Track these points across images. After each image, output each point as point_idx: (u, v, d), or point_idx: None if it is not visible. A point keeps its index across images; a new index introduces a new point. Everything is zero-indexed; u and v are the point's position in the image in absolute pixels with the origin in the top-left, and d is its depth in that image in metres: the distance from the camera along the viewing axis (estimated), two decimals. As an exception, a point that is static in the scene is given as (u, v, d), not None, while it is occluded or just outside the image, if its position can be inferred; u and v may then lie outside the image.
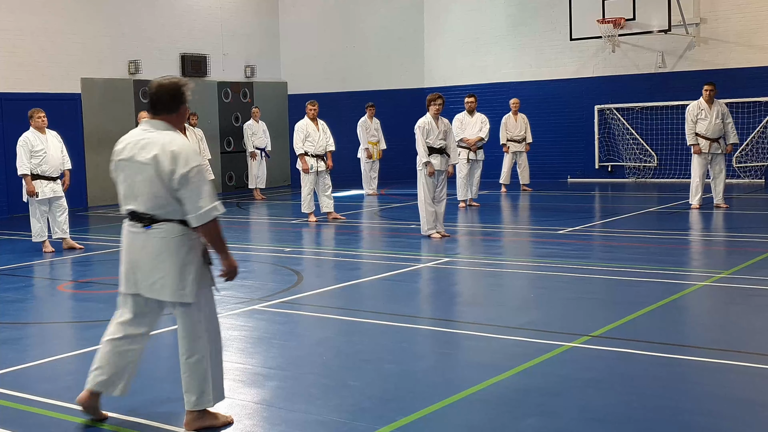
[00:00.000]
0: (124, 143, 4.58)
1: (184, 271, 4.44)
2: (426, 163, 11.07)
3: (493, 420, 4.57)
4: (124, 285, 4.61)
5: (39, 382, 5.51)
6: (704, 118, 13.17)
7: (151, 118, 4.54)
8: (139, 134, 4.53)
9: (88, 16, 17.66)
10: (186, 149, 4.41)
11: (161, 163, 4.34)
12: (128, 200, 4.53)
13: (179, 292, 4.44)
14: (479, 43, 20.06)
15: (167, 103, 4.50)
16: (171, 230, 4.43)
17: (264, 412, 4.81)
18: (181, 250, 4.43)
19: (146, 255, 4.47)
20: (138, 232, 4.49)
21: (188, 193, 4.33)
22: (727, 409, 4.62)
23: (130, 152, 4.49)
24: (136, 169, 4.45)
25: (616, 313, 6.78)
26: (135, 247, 4.52)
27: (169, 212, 4.42)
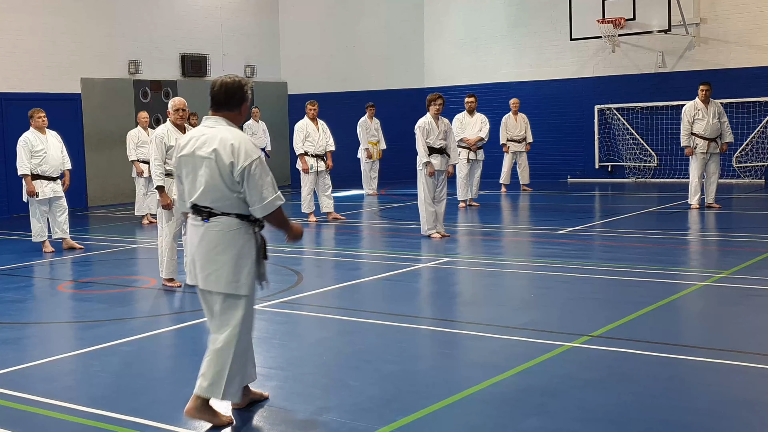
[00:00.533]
0: (186, 139, 4.71)
1: (239, 264, 4.54)
2: (426, 163, 11.07)
3: (493, 420, 4.57)
4: (188, 277, 4.75)
5: (39, 382, 5.51)
6: (702, 118, 13.18)
7: (213, 115, 4.67)
8: (201, 130, 4.66)
9: (88, 16, 17.66)
10: (245, 143, 4.52)
11: (221, 157, 4.47)
12: (191, 194, 4.65)
13: (233, 284, 4.54)
14: (479, 43, 20.06)
15: (229, 101, 4.64)
16: (228, 224, 4.53)
17: (264, 412, 4.81)
18: (236, 243, 4.54)
19: (203, 247, 4.57)
20: (198, 225, 4.61)
21: (251, 186, 4.46)
22: (727, 409, 4.62)
23: (192, 148, 4.61)
24: (197, 164, 4.57)
25: (616, 313, 6.78)
26: (195, 240, 4.62)
27: (227, 206, 4.52)
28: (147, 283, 8.91)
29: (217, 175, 4.50)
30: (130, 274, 9.81)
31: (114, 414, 4.76)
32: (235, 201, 4.52)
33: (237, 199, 4.52)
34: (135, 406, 4.91)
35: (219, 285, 4.55)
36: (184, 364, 5.96)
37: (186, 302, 8.00)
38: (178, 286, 8.47)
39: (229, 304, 4.58)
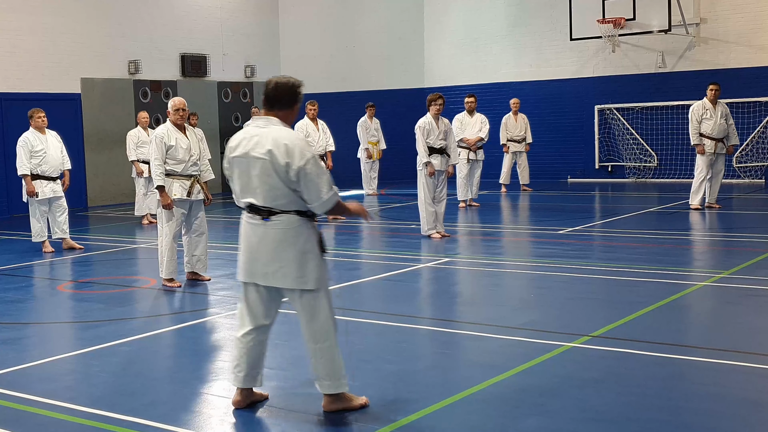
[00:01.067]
0: (237, 140, 4.74)
1: (303, 259, 4.62)
2: (426, 163, 11.07)
3: (493, 420, 4.57)
4: (242, 274, 4.81)
5: (39, 382, 5.51)
6: (709, 118, 13.16)
7: (265, 114, 4.73)
8: (252, 131, 4.70)
9: (88, 16, 17.66)
10: (299, 143, 4.58)
11: (276, 157, 4.52)
12: (245, 194, 4.71)
13: (300, 280, 4.62)
14: (479, 43, 20.06)
15: (283, 101, 4.71)
16: (289, 221, 4.62)
17: (264, 412, 4.81)
18: (299, 240, 4.63)
19: (265, 245, 4.66)
20: (256, 224, 4.68)
21: (307, 184, 4.53)
22: (727, 409, 4.62)
23: (244, 148, 4.65)
24: (251, 164, 4.61)
25: (616, 313, 6.78)
26: (253, 239, 4.71)
27: (286, 204, 4.61)
28: (147, 283, 8.91)
29: (273, 174, 4.56)
30: (130, 274, 9.81)
31: (114, 414, 4.76)
32: (293, 199, 4.60)
33: (295, 197, 4.60)
34: (135, 406, 4.91)
35: (286, 281, 4.65)
36: (184, 364, 5.96)
37: (186, 302, 8.00)
38: (177, 286, 8.47)
39: (308, 299, 4.68)
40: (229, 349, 6.21)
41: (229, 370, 4.94)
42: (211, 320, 7.14)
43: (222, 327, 6.90)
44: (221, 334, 6.71)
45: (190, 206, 8.62)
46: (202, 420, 4.71)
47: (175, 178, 8.46)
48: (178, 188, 8.45)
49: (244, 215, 4.78)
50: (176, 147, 8.42)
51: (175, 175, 8.46)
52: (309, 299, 4.66)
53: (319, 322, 4.68)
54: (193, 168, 8.55)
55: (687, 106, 15.74)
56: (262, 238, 4.67)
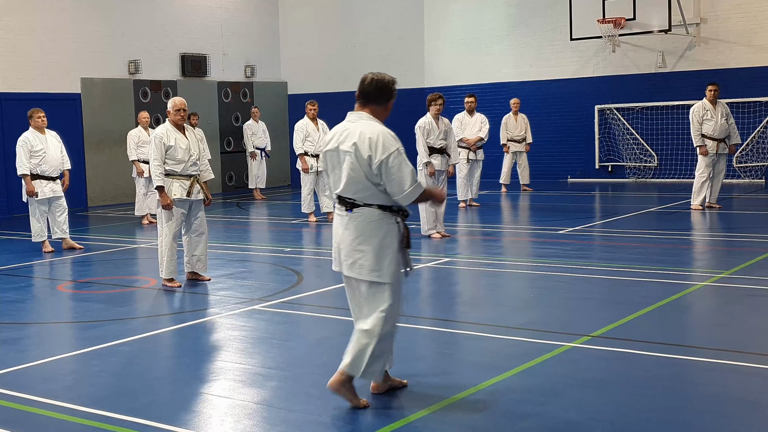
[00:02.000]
0: (330, 135, 4.91)
1: (381, 253, 4.74)
2: (426, 163, 11.07)
3: (493, 420, 4.57)
4: (333, 263, 4.96)
5: (39, 382, 5.51)
6: (710, 118, 13.14)
7: (359, 109, 4.88)
8: (344, 125, 4.87)
9: (88, 16, 17.67)
10: (383, 136, 4.70)
11: (360, 150, 4.67)
12: (335, 186, 4.87)
13: (375, 273, 4.74)
14: (479, 43, 20.05)
15: (378, 96, 4.85)
16: (370, 215, 4.74)
17: (264, 412, 4.81)
18: (378, 234, 4.74)
19: (347, 237, 4.80)
20: (342, 215, 4.83)
21: (390, 178, 4.65)
22: (727, 409, 4.62)
23: (336, 143, 4.82)
24: (340, 158, 4.78)
25: (616, 313, 6.78)
26: (339, 229, 4.86)
27: (368, 197, 4.73)
28: (147, 283, 8.91)
29: (357, 167, 4.69)
30: (130, 274, 9.81)
31: (114, 414, 4.76)
32: (376, 192, 4.72)
33: (378, 191, 4.71)
34: (135, 406, 4.91)
35: (362, 273, 4.76)
36: (184, 364, 5.96)
37: (186, 302, 8.00)
38: (177, 286, 8.47)
39: (375, 290, 4.78)
40: (228, 349, 6.22)
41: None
42: (211, 320, 7.14)
43: (222, 327, 6.90)
44: (221, 334, 6.71)
45: (189, 206, 8.62)
46: (202, 420, 4.71)
47: (175, 178, 8.46)
48: (177, 188, 8.45)
49: (335, 207, 4.92)
50: (175, 147, 8.42)
51: (174, 175, 8.46)
52: (376, 290, 4.79)
53: (372, 310, 4.80)
54: (192, 168, 8.55)
55: (687, 106, 15.74)
56: (345, 229, 4.81)
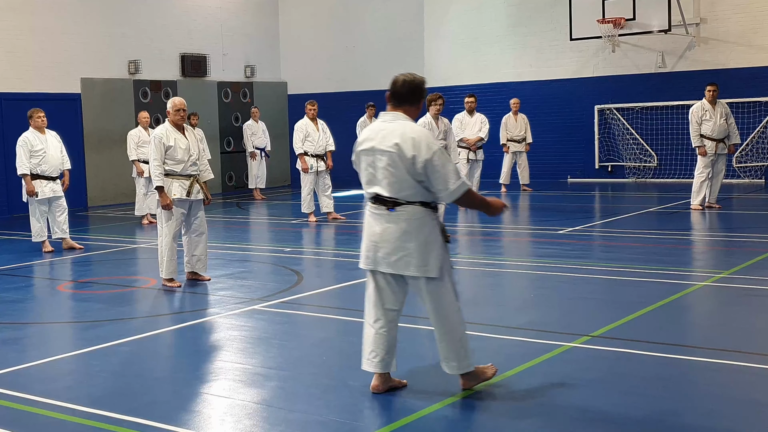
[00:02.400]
0: (364, 135, 4.99)
1: (426, 249, 4.83)
2: (426, 163, 11.05)
3: (493, 420, 4.57)
4: (363, 261, 5.00)
5: (39, 382, 5.51)
6: (709, 118, 13.14)
7: (391, 110, 5.00)
8: (379, 125, 4.97)
9: (88, 16, 17.66)
10: (425, 136, 4.86)
11: (403, 150, 4.77)
12: (371, 185, 4.95)
13: (423, 268, 4.83)
14: (479, 43, 20.04)
15: (411, 97, 5.01)
16: (413, 212, 4.83)
17: (264, 412, 4.81)
18: (423, 230, 4.84)
19: (390, 235, 4.87)
20: (381, 214, 4.91)
21: (435, 176, 4.75)
22: (727, 409, 4.62)
23: (371, 143, 4.91)
24: (377, 157, 4.86)
25: (616, 313, 6.78)
26: (377, 228, 4.92)
27: (411, 195, 4.82)
28: (147, 283, 8.91)
29: (400, 166, 4.78)
30: (130, 274, 9.81)
31: (114, 414, 4.76)
32: (418, 190, 4.81)
33: (420, 189, 4.80)
34: (135, 406, 4.91)
35: (409, 269, 4.85)
36: (183, 364, 5.96)
37: (186, 302, 8.00)
38: (177, 286, 8.47)
39: (432, 286, 4.88)
40: (228, 349, 6.21)
41: (364, 357, 5.04)
42: (211, 320, 7.14)
43: (222, 327, 6.90)
44: (221, 334, 6.71)
45: (189, 206, 8.62)
46: (202, 420, 4.71)
47: (175, 178, 8.46)
48: (177, 188, 8.45)
49: (368, 206, 5.00)
50: (175, 147, 8.42)
51: (174, 175, 8.46)
52: (433, 286, 4.87)
53: (443, 308, 4.90)
54: (192, 168, 8.55)
55: (687, 106, 15.73)
56: (387, 227, 4.87)
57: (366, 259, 4.98)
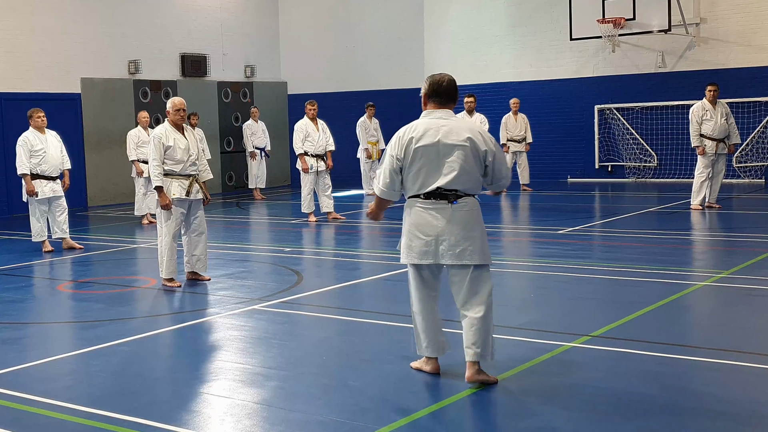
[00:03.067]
0: (420, 131, 5.09)
1: (484, 238, 5.15)
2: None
3: (493, 420, 4.57)
4: (419, 257, 5.11)
5: (39, 382, 5.51)
6: (710, 118, 13.14)
7: (437, 108, 5.18)
8: (436, 122, 5.11)
9: (88, 16, 17.67)
10: (485, 131, 5.21)
11: (476, 144, 5.05)
12: (430, 180, 5.06)
13: (485, 256, 5.13)
14: (479, 43, 20.05)
15: (455, 95, 5.25)
16: (473, 203, 5.13)
17: (264, 412, 4.81)
18: (480, 220, 5.16)
19: (455, 227, 5.05)
20: (442, 208, 5.06)
21: (498, 166, 5.14)
22: (727, 409, 4.62)
23: (434, 137, 5.05)
24: (443, 152, 5.03)
25: (616, 313, 6.78)
26: (438, 222, 5.05)
27: (472, 188, 5.12)
28: (147, 283, 8.91)
29: (471, 160, 5.03)
30: (130, 274, 9.81)
31: (114, 414, 4.76)
32: (478, 183, 5.14)
33: (479, 181, 5.14)
34: (135, 406, 4.91)
35: (474, 258, 5.07)
36: (184, 364, 5.96)
37: (186, 302, 8.00)
38: (177, 286, 8.47)
39: (478, 274, 5.12)
40: (228, 349, 6.22)
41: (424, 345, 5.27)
42: (211, 320, 7.14)
43: (222, 327, 6.90)
44: (221, 334, 6.71)
45: (189, 206, 8.62)
46: (202, 420, 4.71)
47: (174, 178, 8.46)
48: (176, 188, 8.45)
49: (418, 201, 5.08)
50: (174, 147, 8.42)
51: (173, 175, 8.46)
52: (479, 272, 5.12)
53: (482, 294, 5.13)
54: (191, 168, 8.55)
55: (687, 106, 15.74)
56: (450, 220, 5.03)
57: (423, 254, 5.09)
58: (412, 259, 5.16)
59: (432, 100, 5.22)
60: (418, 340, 5.34)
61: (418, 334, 5.33)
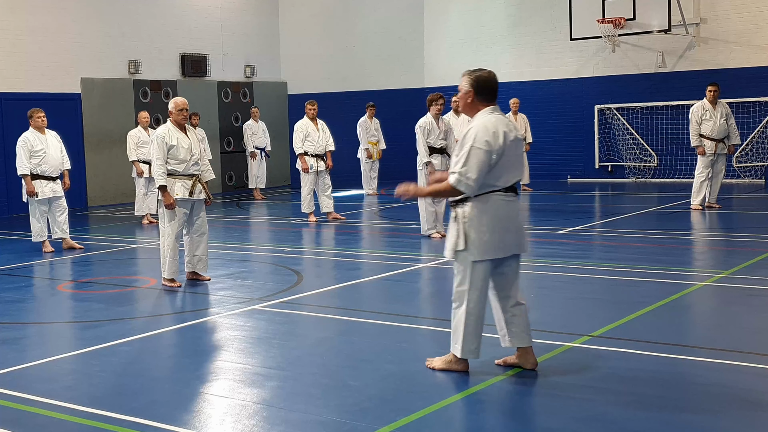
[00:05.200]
0: (502, 127, 5.11)
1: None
2: (427, 163, 11.07)
3: (494, 420, 4.57)
4: (503, 251, 5.16)
5: (39, 382, 5.51)
6: (709, 118, 13.15)
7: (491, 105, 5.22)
8: (503, 118, 5.21)
9: (88, 16, 17.67)
10: None
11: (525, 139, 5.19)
12: (513, 174, 5.18)
13: (528, 245, 5.39)
14: (479, 43, 20.05)
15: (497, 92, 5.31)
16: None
17: (264, 412, 4.81)
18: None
19: (517, 219, 5.27)
20: (514, 200, 5.22)
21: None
22: (727, 409, 4.62)
23: (513, 133, 5.16)
24: (518, 145, 5.19)
25: (616, 313, 6.78)
26: (512, 214, 5.20)
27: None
28: (147, 283, 8.91)
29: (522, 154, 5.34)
30: (131, 274, 9.81)
31: (114, 414, 4.76)
32: None
33: None
34: (135, 406, 4.91)
35: (527, 247, 5.36)
36: (184, 364, 5.96)
37: (186, 302, 8.00)
38: (178, 286, 8.47)
39: (518, 263, 5.33)
40: (228, 349, 6.22)
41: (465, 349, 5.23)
42: (211, 320, 7.14)
43: (222, 327, 6.90)
44: (221, 334, 6.71)
45: (191, 206, 8.62)
46: (202, 420, 4.71)
47: (177, 178, 8.47)
48: (180, 188, 8.45)
49: (498, 196, 5.12)
50: (177, 147, 8.43)
51: (176, 175, 8.47)
52: (519, 261, 5.32)
53: (518, 284, 5.36)
54: (194, 168, 8.56)
55: (687, 106, 15.74)
56: (516, 212, 5.23)
57: (507, 247, 5.16)
58: (491, 254, 5.11)
59: (484, 97, 5.23)
60: (466, 343, 5.20)
61: (467, 336, 5.20)
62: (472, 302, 5.17)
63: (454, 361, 5.30)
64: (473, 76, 5.25)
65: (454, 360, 5.30)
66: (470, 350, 5.23)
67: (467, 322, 5.20)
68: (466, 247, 5.11)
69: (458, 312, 5.23)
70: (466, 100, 5.29)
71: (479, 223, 5.09)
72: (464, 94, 5.30)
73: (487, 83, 5.21)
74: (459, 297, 5.22)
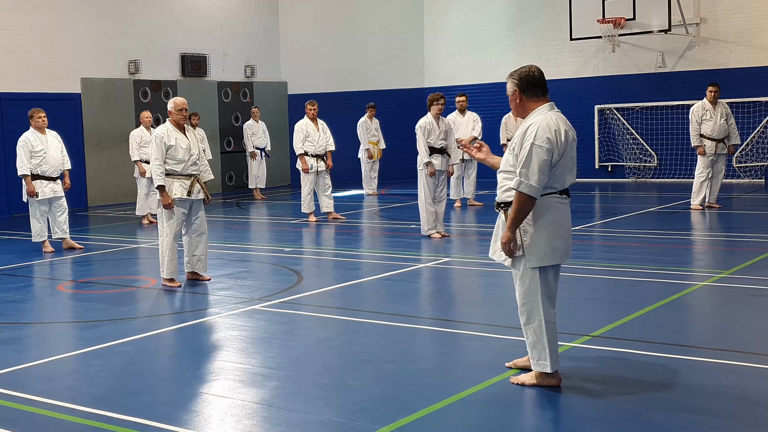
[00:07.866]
0: (563, 126, 4.90)
1: None
2: (427, 163, 11.07)
3: (493, 420, 4.57)
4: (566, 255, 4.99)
5: (39, 382, 5.51)
6: (709, 119, 13.15)
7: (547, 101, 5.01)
8: (562, 116, 4.98)
9: (88, 16, 17.66)
10: None
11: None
12: (569, 176, 4.94)
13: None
14: (479, 43, 20.05)
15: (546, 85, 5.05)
16: None
17: (264, 412, 4.81)
18: None
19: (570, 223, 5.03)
20: (568, 204, 5.00)
21: None
22: (727, 409, 4.62)
23: (572, 133, 4.95)
24: (575, 147, 4.98)
25: (616, 313, 6.78)
26: (568, 219, 4.99)
27: None
28: (147, 283, 8.92)
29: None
30: (131, 274, 9.81)
31: (114, 414, 4.76)
32: None
33: None
34: (135, 406, 4.91)
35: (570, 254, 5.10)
36: (184, 364, 5.96)
37: (186, 302, 8.00)
38: (178, 286, 8.47)
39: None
40: (228, 349, 6.22)
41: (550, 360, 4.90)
42: (211, 320, 7.14)
43: (222, 327, 6.90)
44: (221, 334, 6.71)
45: (190, 206, 8.62)
46: (202, 420, 4.71)
47: (175, 178, 8.47)
48: (178, 188, 8.46)
49: (556, 198, 4.90)
50: (176, 147, 8.43)
51: (175, 175, 8.47)
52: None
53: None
54: (192, 168, 8.56)
55: (687, 106, 15.74)
56: (569, 216, 5.01)
57: (562, 254, 4.92)
58: (556, 259, 4.89)
59: (533, 92, 4.94)
60: (552, 353, 4.91)
61: (552, 347, 4.91)
62: (547, 312, 4.90)
63: (544, 378, 4.96)
64: (515, 75, 4.98)
65: (542, 376, 4.96)
66: (556, 360, 4.96)
67: (548, 334, 4.90)
68: (529, 253, 4.86)
69: (533, 326, 4.92)
70: (516, 102, 5.01)
71: (537, 227, 4.84)
72: (512, 96, 5.02)
73: (531, 77, 4.92)
74: (530, 310, 4.92)
